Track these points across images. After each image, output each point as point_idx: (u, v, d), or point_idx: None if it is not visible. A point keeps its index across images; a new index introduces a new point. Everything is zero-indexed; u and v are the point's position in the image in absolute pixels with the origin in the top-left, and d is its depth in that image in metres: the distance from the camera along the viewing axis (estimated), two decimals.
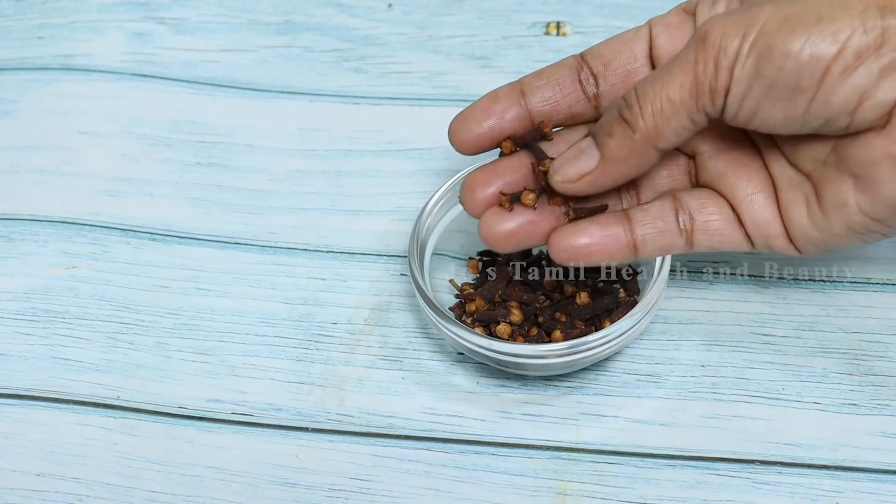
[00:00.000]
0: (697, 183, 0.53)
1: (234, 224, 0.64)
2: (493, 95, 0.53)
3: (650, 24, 0.53)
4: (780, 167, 0.51)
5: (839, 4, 0.45)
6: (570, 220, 0.52)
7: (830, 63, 0.45)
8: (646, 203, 0.53)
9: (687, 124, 0.49)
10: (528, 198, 0.52)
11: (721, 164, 0.52)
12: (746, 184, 0.52)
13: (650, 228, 0.52)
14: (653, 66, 0.53)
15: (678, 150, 0.53)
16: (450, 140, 0.53)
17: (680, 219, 0.52)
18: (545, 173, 0.52)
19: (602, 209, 0.53)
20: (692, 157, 0.53)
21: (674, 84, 0.48)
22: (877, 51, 0.45)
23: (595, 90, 0.53)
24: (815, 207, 0.50)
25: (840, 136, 0.48)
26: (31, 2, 0.76)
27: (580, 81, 0.53)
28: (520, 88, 0.53)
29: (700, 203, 0.52)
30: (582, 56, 0.53)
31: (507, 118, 0.53)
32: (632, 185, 0.53)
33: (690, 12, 0.52)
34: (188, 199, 0.65)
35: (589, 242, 0.51)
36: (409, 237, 0.58)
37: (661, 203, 0.52)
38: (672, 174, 0.54)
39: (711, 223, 0.52)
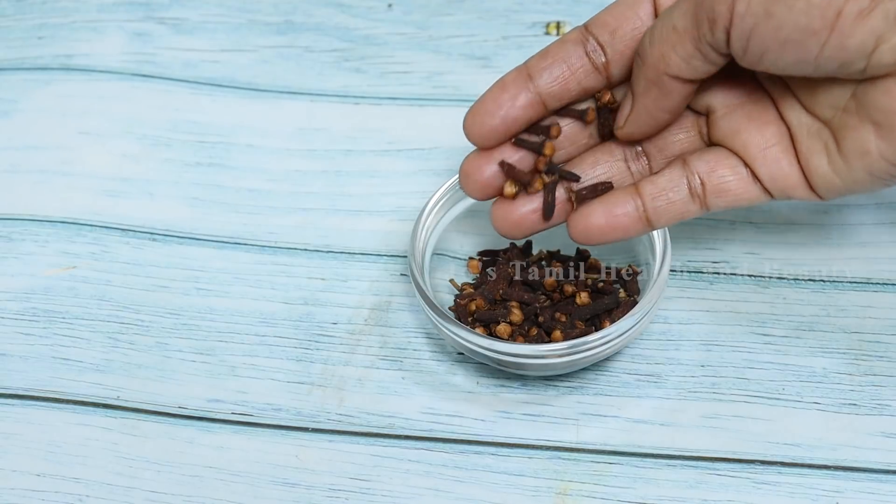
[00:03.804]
0: (710, 142, 0.53)
1: (234, 224, 0.64)
2: (501, 84, 0.53)
3: None
4: (796, 115, 0.51)
5: None
6: (578, 203, 0.53)
7: (843, 4, 0.44)
8: (655, 174, 0.53)
9: (693, 52, 0.48)
10: (508, 190, 0.53)
11: (733, 121, 0.52)
12: (760, 138, 0.51)
13: (661, 201, 0.52)
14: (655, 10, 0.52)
15: (689, 109, 0.53)
16: (466, 135, 0.53)
17: (691, 184, 0.52)
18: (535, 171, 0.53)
19: (606, 187, 0.53)
20: (706, 114, 0.53)
21: (678, 11, 0.48)
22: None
23: (604, 59, 0.52)
24: (835, 155, 0.49)
25: (859, 80, 0.47)
26: (31, 2, 0.76)
27: (587, 54, 0.52)
28: (526, 72, 0.52)
29: (710, 166, 0.52)
30: (586, 27, 0.52)
31: (518, 105, 0.52)
32: (641, 153, 0.53)
33: None
34: (188, 199, 0.65)
35: (603, 223, 0.52)
36: (409, 237, 0.58)
37: (670, 172, 0.52)
38: (679, 139, 0.53)
39: (725, 184, 0.52)
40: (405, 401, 0.56)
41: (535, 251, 0.60)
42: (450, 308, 0.58)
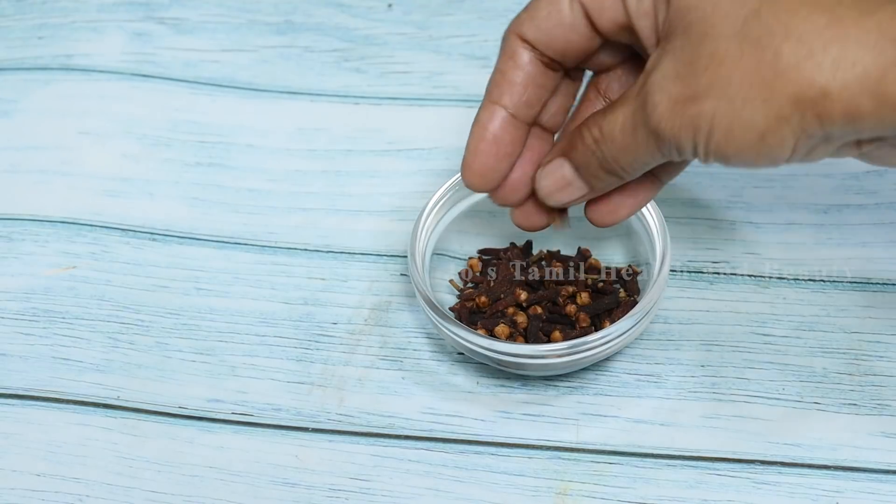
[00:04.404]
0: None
1: (234, 224, 0.64)
2: (481, 129, 0.51)
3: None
4: None
5: (774, 117, 0.44)
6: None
7: (785, 161, 0.46)
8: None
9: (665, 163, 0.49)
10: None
11: None
12: None
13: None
14: (594, 29, 0.49)
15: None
16: (468, 186, 0.52)
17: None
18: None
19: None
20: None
21: (642, 151, 0.47)
22: (825, 142, 0.45)
23: (561, 69, 0.51)
24: None
25: None
26: (31, 2, 0.76)
27: (544, 65, 0.50)
28: (497, 105, 0.51)
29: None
30: (530, 44, 0.50)
31: (507, 141, 0.51)
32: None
33: None
34: (188, 199, 0.65)
35: (629, 211, 0.52)
36: (409, 237, 0.58)
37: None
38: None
39: None
40: (405, 401, 0.56)
41: (535, 251, 0.60)
42: (450, 308, 0.58)
